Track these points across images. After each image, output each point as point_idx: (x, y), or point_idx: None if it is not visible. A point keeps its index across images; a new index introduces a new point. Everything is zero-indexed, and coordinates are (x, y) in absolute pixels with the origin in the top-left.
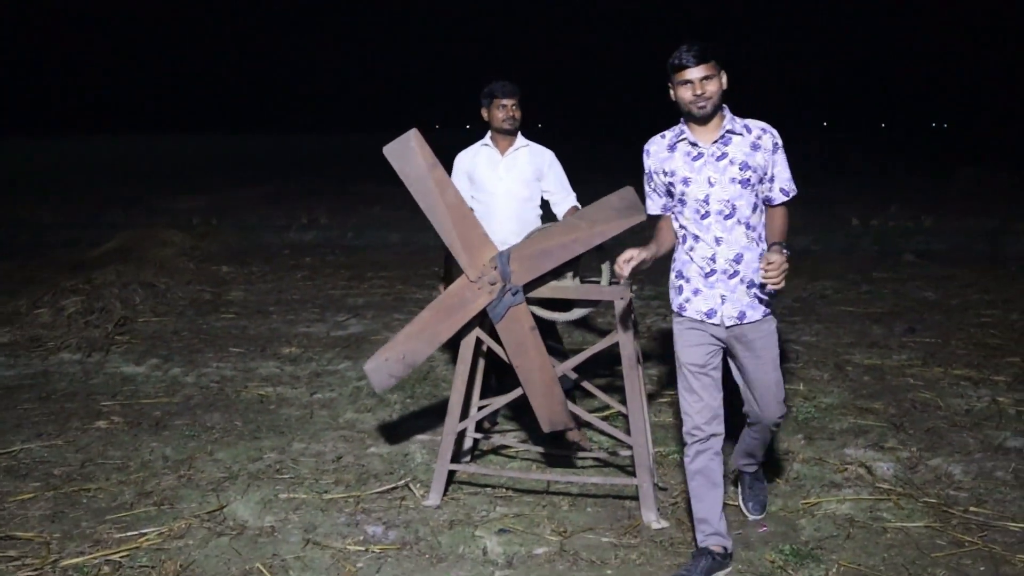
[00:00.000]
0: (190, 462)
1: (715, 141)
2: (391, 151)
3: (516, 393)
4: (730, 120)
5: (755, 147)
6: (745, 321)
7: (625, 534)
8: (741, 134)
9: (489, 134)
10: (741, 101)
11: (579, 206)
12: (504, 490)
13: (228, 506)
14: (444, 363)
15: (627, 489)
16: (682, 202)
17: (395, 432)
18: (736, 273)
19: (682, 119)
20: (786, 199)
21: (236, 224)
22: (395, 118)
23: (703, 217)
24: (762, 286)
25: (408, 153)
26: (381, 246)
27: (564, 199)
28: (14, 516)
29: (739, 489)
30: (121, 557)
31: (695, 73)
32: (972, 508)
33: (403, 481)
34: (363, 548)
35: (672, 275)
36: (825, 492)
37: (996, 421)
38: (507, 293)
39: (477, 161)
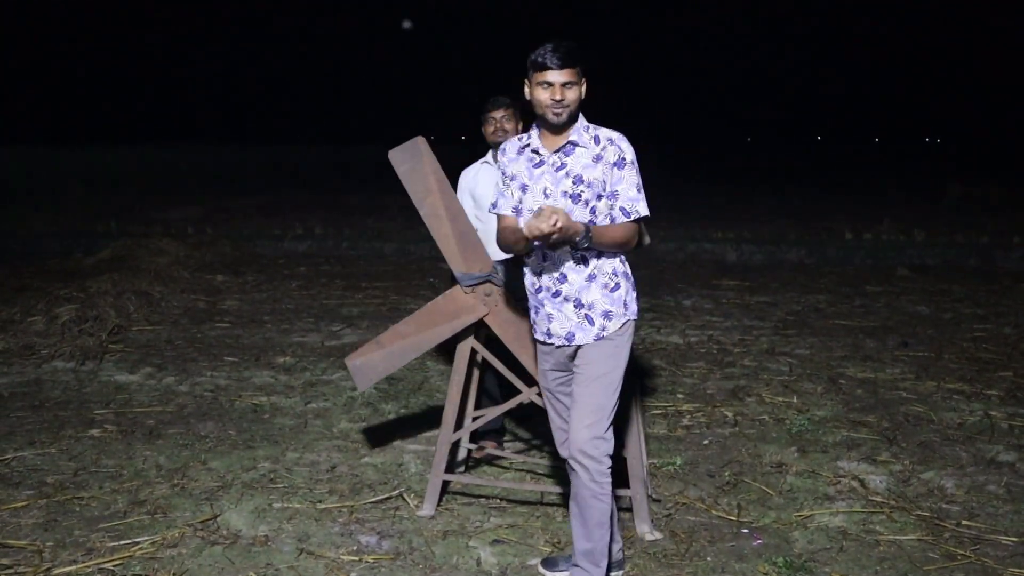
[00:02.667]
0: (184, 471)
1: (557, 150)
2: (397, 155)
3: (510, 404)
4: (578, 130)
5: (596, 159)
6: (574, 343)
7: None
8: (586, 146)
9: (490, 151)
10: (737, 113)
11: None
12: (498, 500)
13: (222, 515)
14: (438, 374)
15: (621, 501)
16: (518, 211)
17: (389, 442)
18: (559, 293)
19: (535, 123)
20: (627, 220)
21: (230, 234)
22: (388, 131)
23: None
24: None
25: (414, 158)
26: (375, 256)
27: None
28: (7, 524)
29: None
30: (114, 566)
31: (557, 77)
32: (964, 521)
33: (397, 491)
34: (357, 558)
35: None
36: (818, 504)
37: (988, 435)
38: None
39: (478, 179)
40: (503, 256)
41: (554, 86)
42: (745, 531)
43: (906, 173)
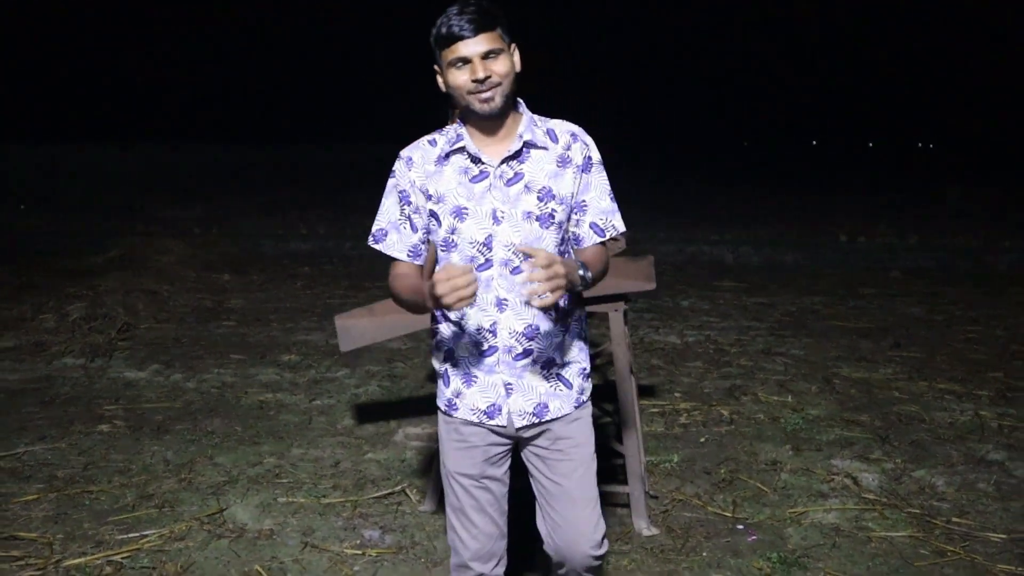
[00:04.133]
0: (191, 466)
1: (507, 158)
2: (346, 343)
3: None
4: (529, 124)
5: (563, 163)
6: (547, 418)
7: (616, 541)
8: (544, 147)
9: None
10: (735, 116)
11: None
12: None
13: (228, 509)
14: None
15: (618, 497)
16: (449, 244)
17: (392, 439)
18: (528, 352)
19: (459, 120)
20: (601, 239)
21: (235, 233)
22: (390, 131)
23: (481, 268)
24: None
25: (353, 331)
26: (378, 256)
27: None
28: (18, 517)
29: None
30: (123, 558)
31: (475, 47)
32: (955, 519)
33: (400, 487)
34: (360, 552)
35: (432, 357)
36: (812, 502)
37: (979, 434)
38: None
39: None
40: None
41: (472, 60)
42: (740, 527)
43: (901, 177)
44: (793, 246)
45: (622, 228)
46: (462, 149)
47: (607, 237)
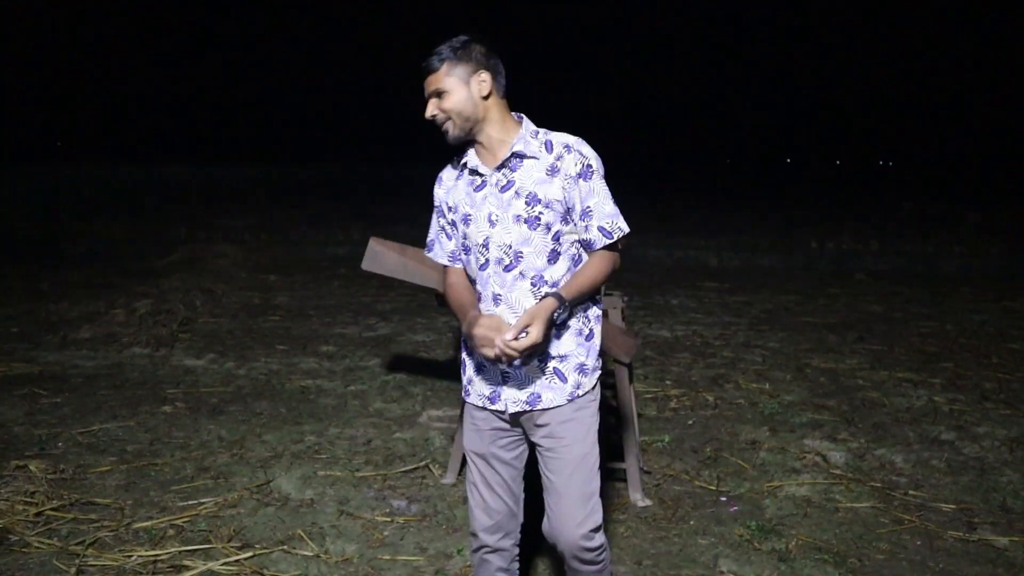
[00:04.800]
0: (242, 443)
1: (499, 167)
2: (368, 264)
3: None
4: (524, 137)
5: (552, 171)
6: (539, 407)
7: (614, 511)
8: (536, 156)
9: None
10: (717, 136)
11: None
12: None
13: (274, 481)
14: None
15: (616, 472)
16: (465, 248)
17: (417, 420)
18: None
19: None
20: (609, 242)
21: (282, 239)
22: (420, 151)
23: (482, 268)
24: (499, 358)
25: (379, 257)
26: None
27: None
28: (94, 485)
29: None
30: (183, 522)
31: (427, 85)
32: (911, 491)
33: (424, 462)
34: (389, 519)
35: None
36: (786, 476)
37: (932, 417)
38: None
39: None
40: None
41: (429, 98)
42: (723, 499)
43: (864, 191)
44: (769, 251)
45: (626, 229)
46: (466, 165)
47: (615, 238)
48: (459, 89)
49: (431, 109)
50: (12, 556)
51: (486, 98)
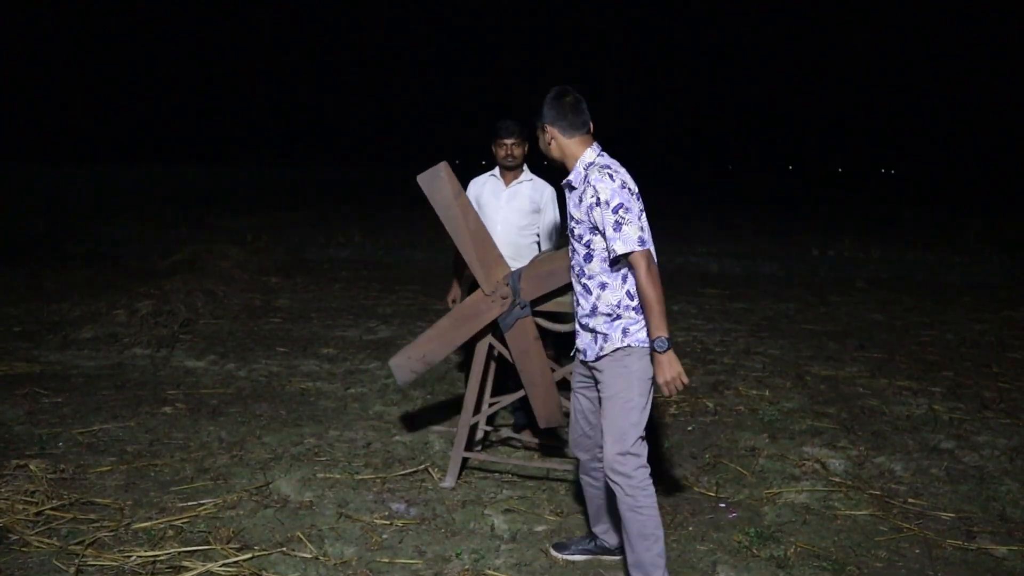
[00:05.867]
0: (241, 444)
1: (567, 186)
2: (424, 179)
3: (520, 393)
4: (577, 171)
5: (580, 200)
6: (585, 358)
7: None
8: (576, 187)
9: (497, 167)
10: (714, 141)
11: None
12: (510, 476)
13: (273, 483)
14: (460, 366)
15: None
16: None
17: (417, 423)
18: (576, 314)
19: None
20: (615, 257)
21: (283, 242)
22: (420, 154)
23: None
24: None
25: (438, 182)
26: (407, 263)
27: (543, 242)
28: (94, 485)
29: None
30: (183, 523)
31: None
32: (910, 500)
33: (423, 466)
34: (388, 522)
35: None
36: (785, 484)
37: (932, 426)
38: (516, 307)
39: (484, 189)
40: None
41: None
42: (722, 505)
43: (865, 199)
44: (770, 258)
45: (621, 251)
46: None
47: (617, 255)
48: (540, 138)
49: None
50: (12, 555)
51: (551, 143)
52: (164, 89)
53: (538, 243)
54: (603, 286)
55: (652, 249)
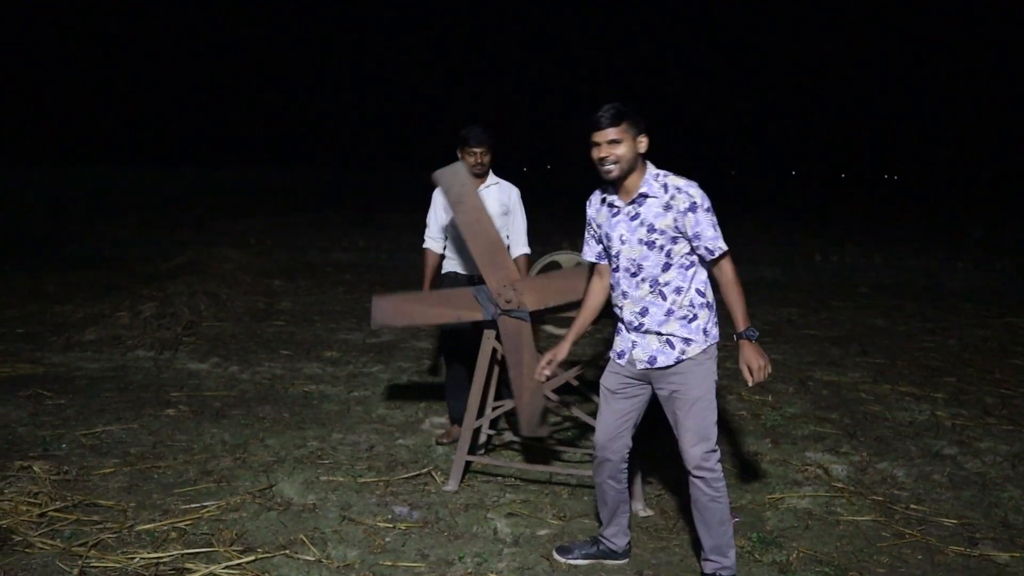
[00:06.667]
0: (245, 446)
1: (631, 202)
2: (442, 175)
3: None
4: (648, 181)
5: (667, 208)
6: (656, 366)
7: None
8: (656, 196)
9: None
10: (714, 148)
11: (529, 253)
12: (513, 479)
13: (276, 485)
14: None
15: None
16: (606, 254)
17: (420, 426)
18: (641, 325)
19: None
20: (712, 257)
21: (286, 245)
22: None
23: (615, 271)
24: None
25: (456, 178)
26: (409, 267)
27: (517, 246)
28: (97, 487)
29: None
30: (186, 525)
31: (602, 136)
32: (912, 505)
33: (426, 469)
34: (391, 525)
35: None
36: (788, 489)
37: (934, 432)
38: (512, 312)
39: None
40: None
41: (600, 144)
42: None
43: (867, 204)
44: (772, 263)
45: (724, 247)
46: (606, 197)
47: (715, 255)
48: (629, 143)
49: (607, 150)
50: (15, 556)
51: (640, 152)
52: (168, 91)
53: (507, 245)
54: (678, 290)
55: None
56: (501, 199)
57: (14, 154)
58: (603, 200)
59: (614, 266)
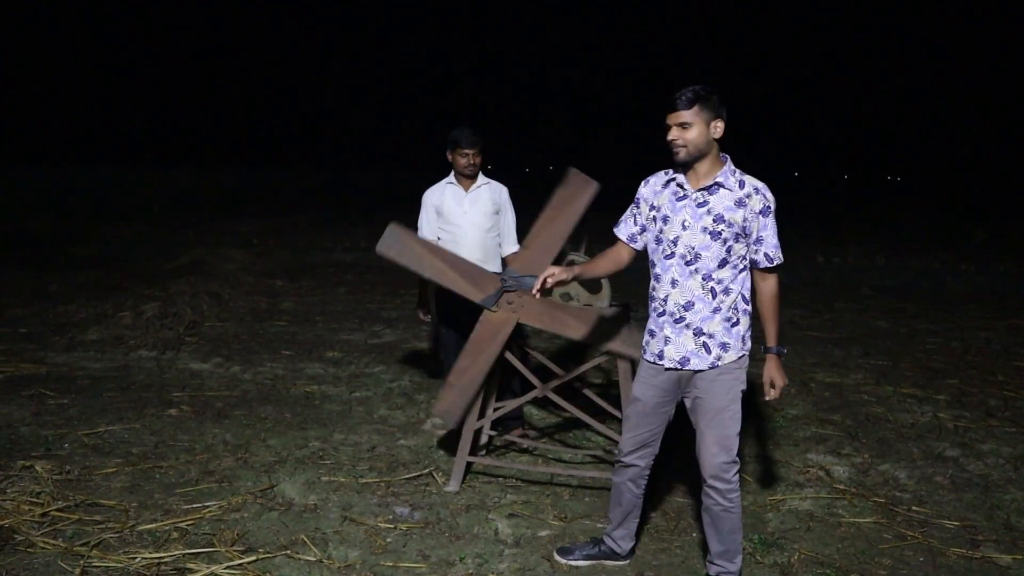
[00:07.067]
0: (246, 447)
1: (701, 188)
2: (384, 246)
3: (529, 396)
4: (726, 172)
5: (740, 204)
6: (687, 367)
7: None
8: (731, 189)
9: (453, 173)
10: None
11: (518, 249)
12: (514, 480)
13: (278, 485)
14: None
15: None
16: (657, 240)
17: (421, 427)
18: (683, 319)
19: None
20: (770, 265)
21: (288, 245)
22: (424, 159)
23: (667, 257)
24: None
25: (399, 243)
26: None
27: (508, 243)
28: (99, 487)
29: None
30: (187, 525)
31: (674, 118)
32: (914, 507)
33: (428, 470)
34: (392, 526)
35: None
36: (789, 490)
37: (936, 433)
38: (506, 287)
39: (444, 197)
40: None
41: (671, 126)
42: None
43: (870, 206)
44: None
45: (782, 259)
46: (675, 180)
47: (774, 264)
48: (702, 127)
49: (677, 133)
50: (17, 556)
51: (716, 140)
52: (171, 92)
53: (499, 244)
54: (727, 291)
55: None
56: (493, 198)
57: (18, 153)
58: (668, 182)
59: (668, 252)
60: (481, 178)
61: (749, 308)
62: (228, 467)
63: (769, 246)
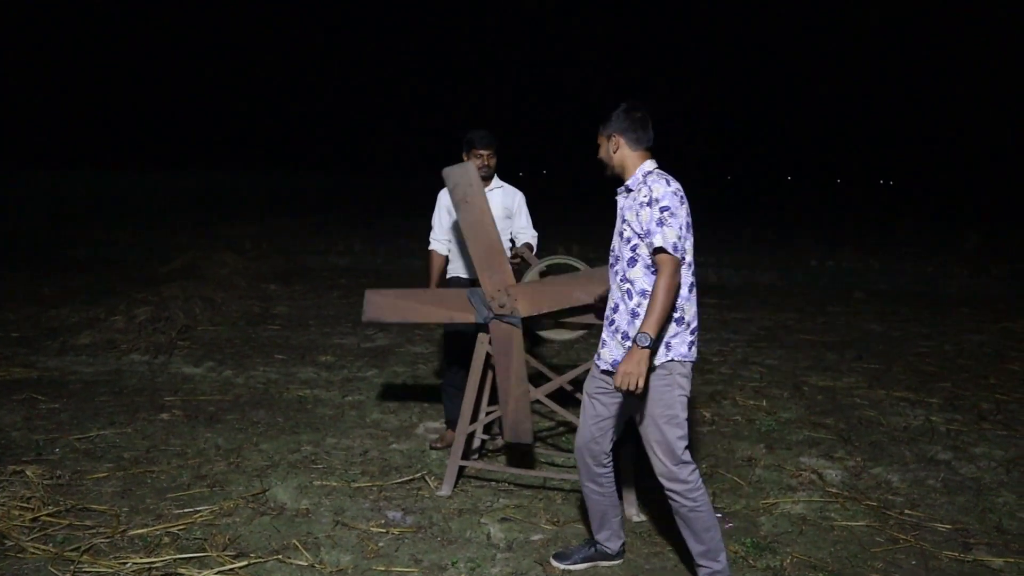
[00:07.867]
0: (238, 451)
1: (617, 195)
2: (451, 172)
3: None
4: (636, 176)
5: (640, 204)
6: (614, 369)
7: None
8: (635, 190)
9: None
10: (717, 154)
11: (535, 237)
12: (507, 484)
13: (270, 490)
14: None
15: None
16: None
17: (414, 431)
18: (612, 322)
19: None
20: (654, 247)
21: (282, 249)
22: (415, 165)
23: (610, 265)
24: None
25: (465, 176)
26: (405, 272)
27: (526, 234)
28: (90, 491)
29: None
30: (179, 530)
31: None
32: (907, 511)
33: (420, 474)
34: (384, 530)
35: None
36: (782, 494)
37: (929, 437)
38: (505, 317)
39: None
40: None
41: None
42: (719, 515)
43: (864, 210)
44: (769, 269)
45: (659, 243)
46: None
47: (652, 249)
48: (604, 145)
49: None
50: (7, 561)
51: (616, 152)
52: (164, 95)
53: (512, 245)
54: (643, 293)
55: (686, 264)
56: (505, 203)
57: (12, 157)
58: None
59: (610, 259)
60: (496, 181)
61: (683, 315)
62: (220, 471)
63: (652, 233)
